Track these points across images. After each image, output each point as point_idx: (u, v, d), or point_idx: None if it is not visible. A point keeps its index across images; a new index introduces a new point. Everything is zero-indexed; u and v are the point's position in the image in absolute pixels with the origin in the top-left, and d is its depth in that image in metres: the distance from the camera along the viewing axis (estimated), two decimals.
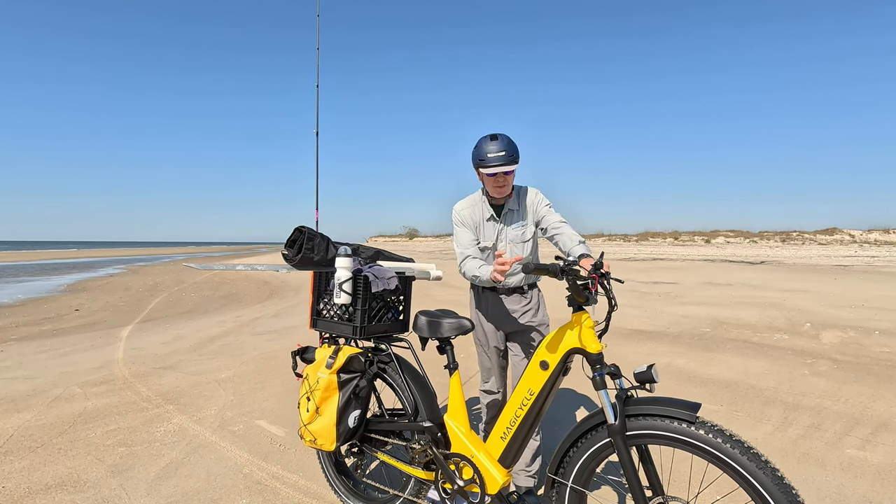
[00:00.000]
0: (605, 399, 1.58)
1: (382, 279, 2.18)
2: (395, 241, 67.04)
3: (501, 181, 2.20)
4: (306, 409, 2.07)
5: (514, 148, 2.17)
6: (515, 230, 2.34)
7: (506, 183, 2.21)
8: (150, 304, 10.46)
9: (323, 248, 2.17)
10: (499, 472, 1.87)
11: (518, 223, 2.34)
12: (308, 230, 2.17)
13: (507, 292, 2.38)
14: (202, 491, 2.53)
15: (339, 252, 2.13)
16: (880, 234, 35.24)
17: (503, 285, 2.36)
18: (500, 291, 2.39)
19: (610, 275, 1.74)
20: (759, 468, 1.32)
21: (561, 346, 1.72)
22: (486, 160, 2.14)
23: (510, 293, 2.38)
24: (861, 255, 26.11)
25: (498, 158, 2.12)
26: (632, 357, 5.18)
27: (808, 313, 7.69)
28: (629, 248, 38.55)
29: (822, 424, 3.32)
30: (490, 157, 2.13)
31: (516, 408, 1.82)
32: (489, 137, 2.17)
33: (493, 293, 2.41)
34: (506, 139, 2.17)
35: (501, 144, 2.13)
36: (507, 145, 2.14)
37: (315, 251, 2.14)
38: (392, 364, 2.17)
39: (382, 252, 2.42)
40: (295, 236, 2.17)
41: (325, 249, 2.17)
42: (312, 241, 2.14)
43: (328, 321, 2.29)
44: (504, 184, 2.21)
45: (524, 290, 2.39)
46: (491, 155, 2.13)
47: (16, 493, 2.51)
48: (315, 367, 2.12)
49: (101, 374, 4.68)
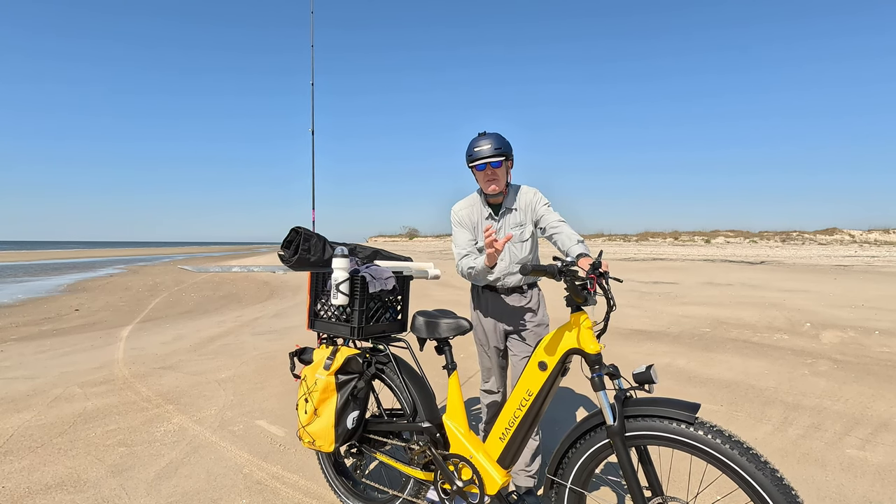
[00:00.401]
0: (603, 400, 1.57)
1: (380, 279, 2.16)
2: (396, 241, 67.04)
3: (491, 175, 2.24)
4: (304, 411, 2.06)
5: (502, 143, 2.23)
6: (514, 230, 2.35)
7: (496, 177, 2.25)
8: (150, 304, 10.47)
9: (319, 249, 2.15)
10: (498, 472, 1.87)
11: (516, 222, 2.35)
12: (304, 231, 2.15)
13: (507, 292, 2.38)
14: (202, 491, 2.53)
15: (336, 253, 2.11)
16: (880, 234, 35.23)
17: (502, 284, 2.37)
18: (499, 291, 2.39)
19: (608, 274, 1.74)
20: (758, 469, 1.32)
21: (559, 347, 1.71)
22: (474, 154, 2.23)
23: (509, 293, 2.38)
24: (861, 255, 26.10)
25: (486, 151, 2.20)
26: (632, 357, 5.18)
27: (808, 313, 7.69)
28: (629, 248, 38.54)
29: (822, 424, 3.32)
30: (477, 152, 2.22)
31: (515, 408, 1.82)
32: (479, 134, 2.27)
33: (492, 292, 2.41)
34: (495, 136, 2.24)
35: (489, 139, 2.22)
36: (495, 140, 2.22)
37: (311, 252, 2.13)
38: (390, 365, 2.16)
39: (380, 251, 2.41)
40: (291, 237, 2.15)
41: (321, 250, 2.16)
42: (309, 242, 2.13)
43: (326, 322, 2.27)
44: (494, 178, 2.25)
45: (524, 290, 2.38)
46: (479, 149, 2.22)
47: (16, 493, 2.51)
48: (313, 368, 2.11)
49: (101, 374, 4.68)
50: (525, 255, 2.35)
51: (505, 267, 2.36)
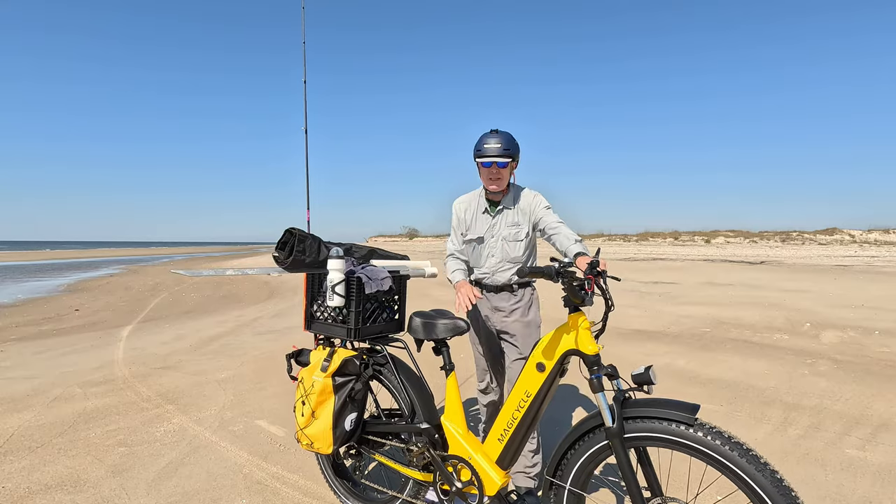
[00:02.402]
0: (602, 402, 1.57)
1: (376, 280, 2.14)
2: (395, 240, 67.02)
3: (496, 173, 2.25)
4: (302, 413, 2.06)
5: (512, 143, 2.24)
6: (508, 229, 2.35)
7: (500, 177, 2.26)
8: (150, 304, 10.47)
9: (314, 250, 2.14)
10: (497, 473, 1.87)
11: (512, 222, 2.35)
12: (299, 232, 2.13)
13: (496, 290, 2.39)
14: (202, 491, 2.53)
15: (331, 254, 2.08)
16: (880, 234, 35.22)
17: (491, 282, 2.40)
18: (488, 289, 2.40)
19: (606, 273, 1.73)
20: (758, 470, 1.31)
21: (557, 348, 1.71)
22: (483, 150, 2.24)
23: (498, 290, 2.38)
24: (861, 255, 26.09)
25: (493, 150, 2.21)
26: (632, 357, 5.18)
27: (808, 313, 7.69)
28: (629, 248, 38.53)
29: (822, 424, 3.32)
30: (486, 148, 2.23)
31: (513, 409, 1.82)
32: (491, 131, 2.27)
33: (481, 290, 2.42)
34: (506, 135, 2.25)
35: (500, 138, 2.23)
36: (505, 140, 2.22)
37: (306, 253, 2.11)
38: (388, 366, 2.15)
39: (376, 251, 2.39)
40: (286, 238, 2.13)
41: (316, 251, 2.14)
42: (303, 243, 2.11)
43: (322, 323, 2.26)
44: (498, 177, 2.26)
45: (514, 289, 2.38)
46: (487, 146, 2.23)
47: (16, 493, 2.51)
48: (310, 370, 2.09)
49: (101, 374, 4.68)
50: (517, 255, 2.35)
51: (495, 264, 2.37)
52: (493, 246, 2.38)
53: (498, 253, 2.36)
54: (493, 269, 2.37)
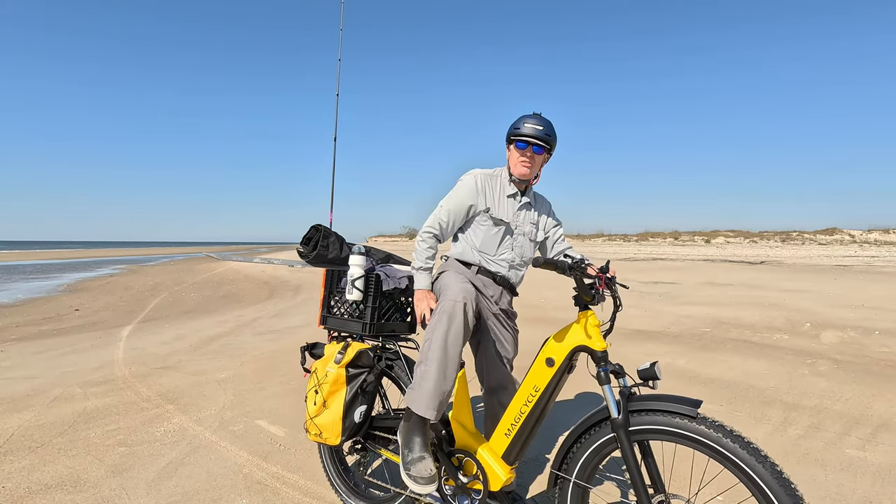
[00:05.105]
0: (608, 394, 1.60)
1: (393, 278, 2.25)
2: (395, 240, 67.01)
3: (529, 158, 2.09)
4: (314, 402, 2.09)
5: (552, 132, 2.11)
6: (530, 226, 2.25)
7: (532, 163, 2.11)
8: (150, 303, 10.46)
9: (337, 247, 2.25)
10: (502, 468, 1.88)
11: (533, 220, 2.26)
12: (325, 228, 2.25)
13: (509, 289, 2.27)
14: (202, 491, 2.53)
15: (354, 250, 2.21)
16: (880, 234, 35.26)
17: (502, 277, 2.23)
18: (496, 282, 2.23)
19: (616, 279, 1.79)
20: (759, 462, 1.35)
21: (567, 343, 1.74)
22: (521, 129, 2.07)
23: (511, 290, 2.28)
24: (861, 255, 26.11)
25: (533, 131, 2.05)
26: (633, 357, 5.18)
27: (808, 313, 7.69)
28: (629, 248, 38.56)
29: (822, 424, 3.32)
30: (526, 127, 2.06)
31: (521, 404, 1.83)
32: (533, 113, 2.12)
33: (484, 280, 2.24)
34: (548, 122, 2.11)
35: (542, 122, 2.08)
36: (547, 126, 2.09)
37: (329, 249, 2.23)
38: (399, 362, 2.22)
39: (392, 256, 2.49)
40: (311, 234, 2.24)
41: (339, 248, 2.25)
42: (328, 240, 2.23)
43: (338, 318, 2.33)
44: (530, 164, 2.11)
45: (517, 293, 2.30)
46: (528, 125, 2.06)
47: (16, 493, 2.50)
48: (324, 361, 2.15)
49: (101, 374, 4.67)
50: (530, 256, 2.31)
51: (510, 259, 2.21)
52: (517, 238, 2.21)
53: (518, 248, 2.21)
54: (510, 262, 2.20)
